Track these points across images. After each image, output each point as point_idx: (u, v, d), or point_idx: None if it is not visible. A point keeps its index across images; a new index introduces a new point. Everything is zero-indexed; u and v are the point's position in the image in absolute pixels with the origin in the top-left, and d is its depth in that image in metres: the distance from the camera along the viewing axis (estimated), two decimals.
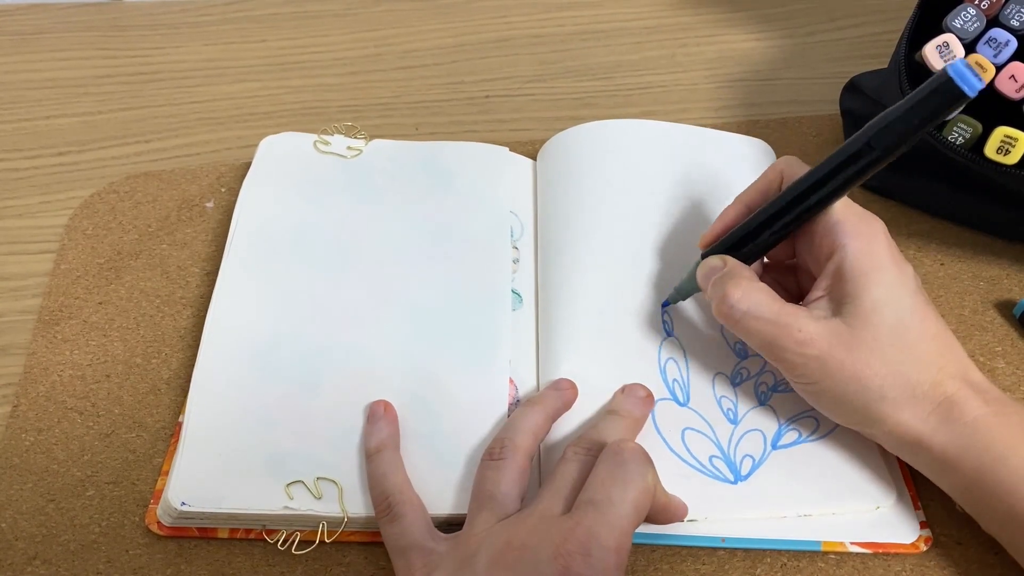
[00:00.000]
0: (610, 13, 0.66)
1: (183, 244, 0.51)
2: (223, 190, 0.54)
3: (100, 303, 0.48)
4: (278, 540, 0.39)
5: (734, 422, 0.42)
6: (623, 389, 0.42)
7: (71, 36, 0.65)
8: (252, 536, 0.40)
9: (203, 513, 0.39)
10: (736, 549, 0.39)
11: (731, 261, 0.41)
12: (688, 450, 0.41)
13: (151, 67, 0.62)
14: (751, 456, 0.41)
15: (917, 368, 0.37)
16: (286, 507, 0.39)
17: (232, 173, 0.55)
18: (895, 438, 0.38)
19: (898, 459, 0.41)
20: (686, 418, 0.42)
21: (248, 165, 0.54)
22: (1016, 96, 0.44)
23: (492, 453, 0.39)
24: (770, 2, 0.67)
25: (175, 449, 0.41)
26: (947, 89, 0.33)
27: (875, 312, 0.37)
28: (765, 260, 0.44)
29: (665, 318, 0.45)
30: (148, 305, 0.48)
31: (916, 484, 0.41)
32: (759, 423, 0.42)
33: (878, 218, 0.39)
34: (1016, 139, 0.43)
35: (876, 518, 0.40)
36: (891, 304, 0.37)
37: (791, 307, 0.38)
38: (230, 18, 0.66)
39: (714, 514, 0.40)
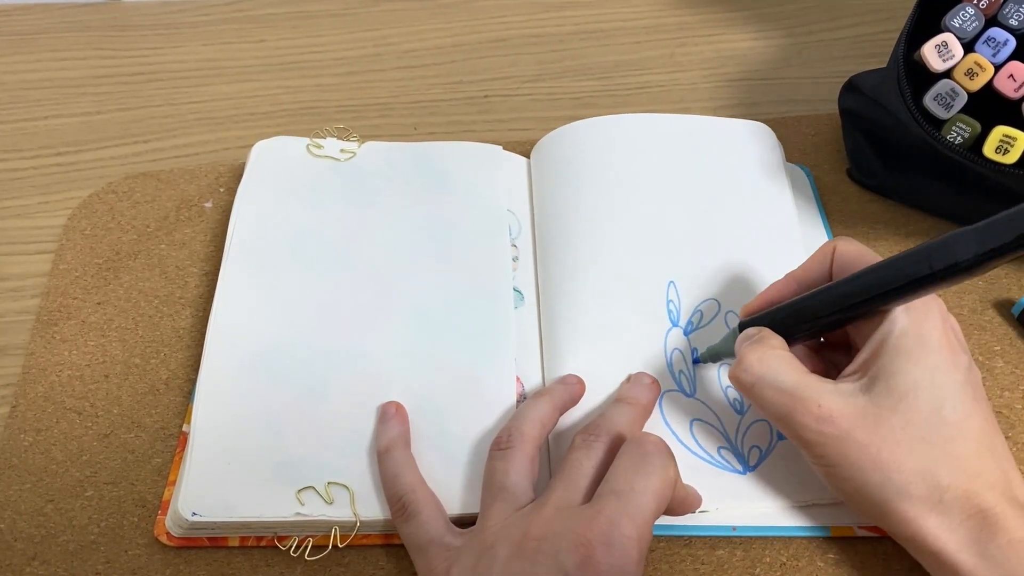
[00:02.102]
0: (609, 13, 0.66)
1: (182, 244, 0.51)
2: (221, 190, 0.54)
3: (99, 303, 0.48)
4: (290, 546, 0.39)
5: (740, 412, 0.43)
6: (629, 378, 0.43)
7: (69, 36, 0.65)
8: (264, 544, 0.39)
9: (214, 523, 0.38)
10: (741, 540, 0.40)
11: (764, 330, 0.38)
12: (697, 442, 0.42)
13: (149, 67, 0.62)
14: (758, 447, 0.42)
15: (950, 469, 0.33)
16: (298, 513, 0.39)
17: (231, 173, 0.55)
18: (916, 545, 0.34)
19: None
20: (694, 409, 0.43)
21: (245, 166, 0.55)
22: (1015, 95, 0.44)
23: (499, 443, 0.38)
24: (769, 1, 0.67)
25: (181, 459, 0.41)
26: None
27: (909, 396, 0.34)
28: (822, 339, 0.42)
29: (671, 307, 0.45)
30: (147, 305, 0.48)
31: None
32: None
33: (937, 297, 0.36)
34: (1015, 138, 0.43)
35: None
36: (930, 390, 0.34)
37: (815, 379, 0.36)
38: (228, 18, 0.66)
39: (725, 504, 0.40)
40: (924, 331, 0.35)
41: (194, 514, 0.38)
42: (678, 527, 0.40)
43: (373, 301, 0.46)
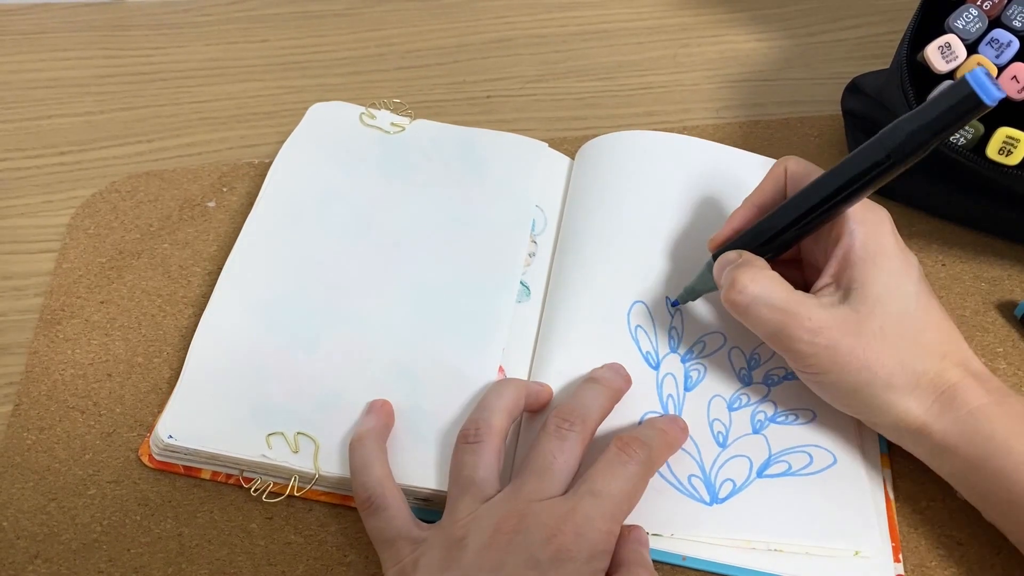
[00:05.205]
0: (612, 13, 0.66)
1: (185, 244, 0.51)
2: (225, 190, 0.54)
3: (102, 302, 0.48)
4: (252, 487, 0.41)
5: (722, 446, 0.41)
6: (604, 366, 0.43)
7: (73, 36, 0.65)
8: (231, 481, 0.41)
9: (187, 449, 0.41)
10: (696, 570, 0.39)
11: (745, 253, 0.41)
12: (668, 465, 0.41)
13: (153, 67, 0.62)
14: (732, 480, 0.40)
15: (922, 357, 0.37)
16: (263, 456, 0.40)
17: (234, 173, 0.55)
18: (898, 426, 0.38)
19: (887, 506, 0.40)
20: None
21: (249, 165, 0.55)
22: (1018, 97, 0.44)
23: (467, 436, 0.39)
24: (772, 3, 0.67)
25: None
26: (967, 99, 0.33)
27: (881, 301, 0.37)
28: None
29: (672, 333, 0.45)
30: (150, 304, 0.48)
31: (900, 535, 0.40)
32: (748, 450, 0.41)
33: (883, 207, 0.40)
34: (1018, 140, 0.43)
35: (849, 563, 0.38)
36: (896, 292, 0.38)
37: (800, 295, 0.38)
38: (232, 18, 0.66)
39: (681, 532, 0.39)
40: (881, 240, 0.39)
41: (170, 436, 0.41)
42: None
43: (380, 270, 0.47)
